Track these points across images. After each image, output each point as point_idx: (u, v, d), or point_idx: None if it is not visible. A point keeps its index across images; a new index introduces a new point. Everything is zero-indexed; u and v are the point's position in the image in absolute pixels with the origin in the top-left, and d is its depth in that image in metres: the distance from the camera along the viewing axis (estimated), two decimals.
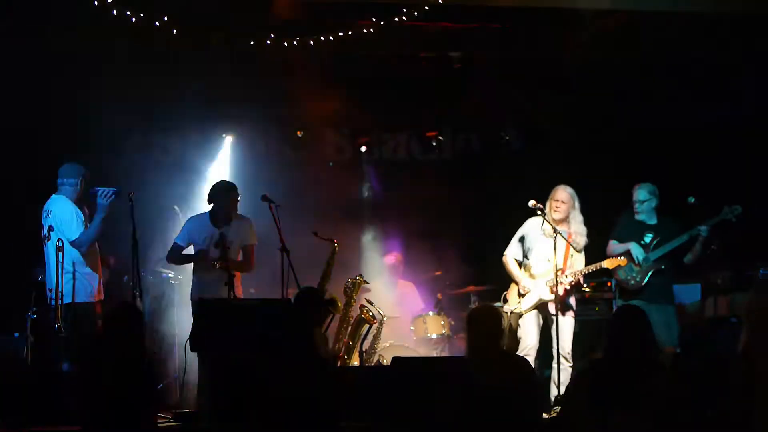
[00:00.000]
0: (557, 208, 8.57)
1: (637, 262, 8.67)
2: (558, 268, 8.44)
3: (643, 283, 8.65)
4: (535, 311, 8.59)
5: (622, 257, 8.62)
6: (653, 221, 8.85)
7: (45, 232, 8.15)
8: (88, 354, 6.03)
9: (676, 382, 6.71)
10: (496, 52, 10.65)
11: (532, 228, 8.69)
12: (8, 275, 9.62)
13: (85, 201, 8.34)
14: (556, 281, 8.34)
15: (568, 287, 8.50)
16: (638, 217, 8.87)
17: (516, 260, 8.75)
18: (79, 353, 6.10)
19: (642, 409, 5.58)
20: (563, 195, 8.64)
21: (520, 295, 8.62)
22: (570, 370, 8.36)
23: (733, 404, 5.90)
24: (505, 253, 8.80)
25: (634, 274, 8.69)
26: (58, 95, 9.89)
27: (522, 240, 8.72)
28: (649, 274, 8.65)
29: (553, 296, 8.45)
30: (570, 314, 8.54)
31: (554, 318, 8.42)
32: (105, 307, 8.15)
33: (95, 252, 8.20)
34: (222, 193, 8.64)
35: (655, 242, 8.70)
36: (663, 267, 8.68)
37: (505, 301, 8.75)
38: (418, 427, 6.18)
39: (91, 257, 8.14)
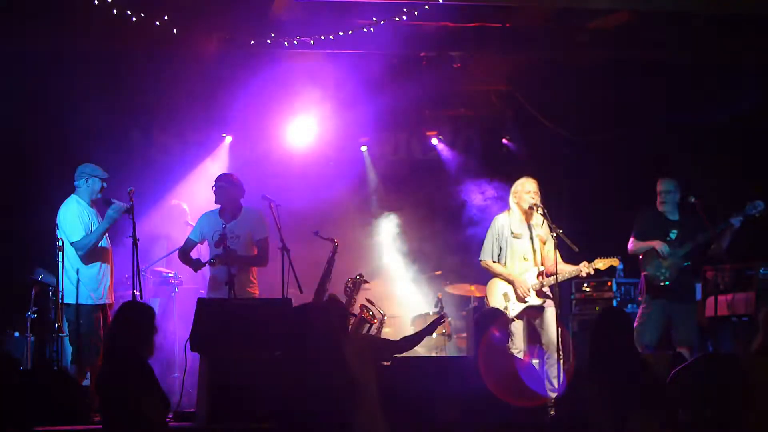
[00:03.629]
0: (533, 199, 8.40)
1: (664, 257, 8.59)
2: (540, 269, 8.41)
3: (672, 280, 8.56)
4: None
5: (616, 257, 8.56)
6: (675, 217, 8.76)
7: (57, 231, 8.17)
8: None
9: (677, 382, 6.73)
10: (496, 52, 10.66)
11: (503, 227, 8.53)
12: (8, 275, 9.62)
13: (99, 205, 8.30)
14: (555, 281, 8.28)
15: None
16: (662, 208, 8.75)
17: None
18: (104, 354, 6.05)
19: (630, 409, 5.58)
20: (534, 185, 8.50)
21: (506, 298, 8.45)
22: (561, 364, 8.25)
23: (733, 404, 5.92)
24: (482, 258, 8.56)
25: (663, 271, 8.59)
26: (56, 95, 9.90)
27: (496, 240, 8.55)
28: (678, 270, 8.58)
29: (540, 301, 8.40)
30: (553, 307, 8.44)
31: (543, 317, 8.38)
32: (107, 308, 8.12)
33: (99, 255, 8.14)
34: (221, 186, 8.64)
35: (681, 238, 8.62)
36: (688, 264, 8.61)
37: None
38: (418, 426, 6.19)
39: (93, 259, 8.09)
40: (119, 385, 5.65)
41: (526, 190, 8.50)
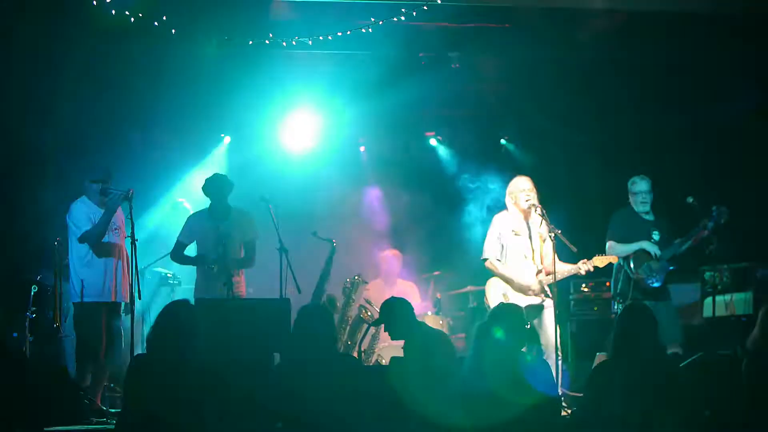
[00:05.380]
0: (528, 197, 8.43)
1: (655, 259, 8.48)
2: (539, 267, 8.40)
3: (661, 283, 8.47)
4: None
5: (613, 255, 8.49)
6: (652, 217, 8.66)
7: None
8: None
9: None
10: (497, 52, 10.65)
11: (503, 225, 8.52)
12: (7, 275, 9.61)
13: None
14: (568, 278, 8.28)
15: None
16: (641, 208, 8.62)
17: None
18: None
19: (661, 405, 5.53)
20: (529, 183, 8.50)
21: (505, 298, 8.38)
22: (558, 364, 8.25)
23: (732, 403, 5.91)
24: (485, 257, 8.52)
25: (654, 274, 8.47)
26: (56, 96, 9.90)
27: (498, 239, 8.51)
28: (666, 273, 8.48)
29: (539, 300, 8.38)
30: (551, 306, 8.47)
31: (542, 316, 8.38)
32: (115, 307, 8.08)
33: (104, 252, 8.09)
34: (215, 186, 8.61)
35: (664, 239, 8.51)
36: (672, 267, 8.53)
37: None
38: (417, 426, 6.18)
39: (99, 256, 8.05)
40: (144, 383, 5.60)
41: (520, 189, 8.50)
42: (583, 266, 8.34)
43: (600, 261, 8.39)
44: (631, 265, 8.57)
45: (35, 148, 10.03)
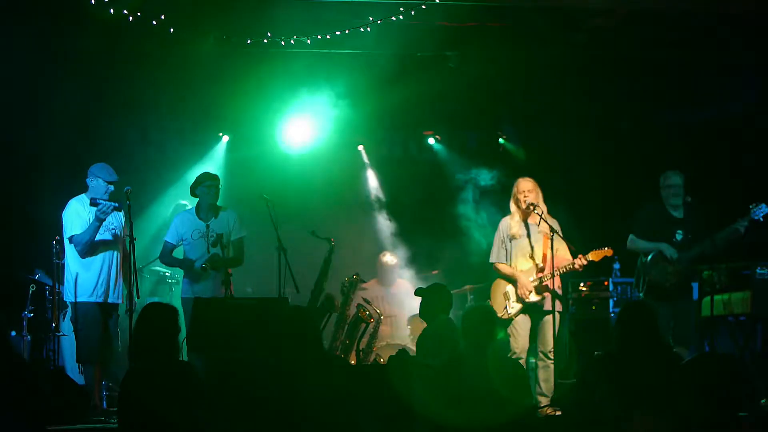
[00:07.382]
0: (525, 197, 8.45)
1: (671, 262, 8.47)
2: (540, 266, 8.41)
3: (679, 284, 8.44)
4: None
5: (608, 248, 8.46)
6: (681, 214, 8.59)
7: None
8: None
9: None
10: (495, 52, 10.65)
11: (505, 229, 8.57)
12: (6, 275, 9.61)
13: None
14: (554, 275, 8.29)
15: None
16: (670, 202, 8.56)
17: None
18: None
19: (658, 406, 5.53)
20: (528, 184, 8.51)
21: (506, 297, 8.46)
22: (552, 367, 8.27)
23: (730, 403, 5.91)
24: (492, 261, 8.58)
25: (669, 276, 8.46)
26: (54, 96, 9.89)
27: (502, 243, 8.56)
28: (684, 275, 8.45)
29: (539, 298, 8.39)
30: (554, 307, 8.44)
31: (542, 317, 8.39)
32: (108, 308, 8.07)
33: (99, 253, 8.07)
34: (203, 184, 8.60)
35: (687, 239, 8.47)
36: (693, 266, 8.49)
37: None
38: (415, 425, 6.18)
39: (92, 257, 8.04)
40: (142, 387, 5.60)
41: (519, 190, 8.53)
42: (579, 261, 8.34)
43: (595, 255, 8.36)
44: (647, 265, 8.57)
45: (33, 146, 10.03)
